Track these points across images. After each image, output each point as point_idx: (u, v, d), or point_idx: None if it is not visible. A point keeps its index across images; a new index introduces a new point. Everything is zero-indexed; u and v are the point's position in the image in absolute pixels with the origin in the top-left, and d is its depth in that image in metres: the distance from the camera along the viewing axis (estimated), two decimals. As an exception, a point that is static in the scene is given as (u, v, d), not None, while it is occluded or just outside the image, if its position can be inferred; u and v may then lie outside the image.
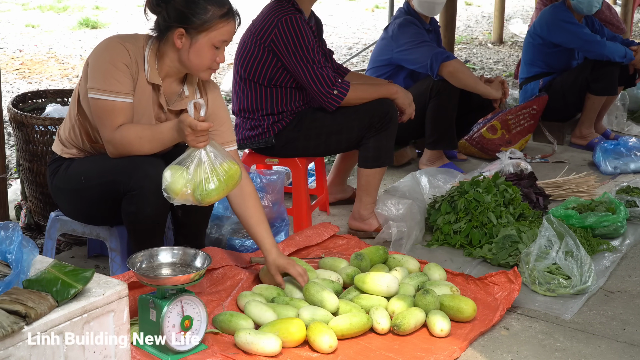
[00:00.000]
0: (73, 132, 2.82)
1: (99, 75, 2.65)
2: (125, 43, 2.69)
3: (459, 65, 4.34)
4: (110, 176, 2.66)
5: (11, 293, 1.91)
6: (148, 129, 2.67)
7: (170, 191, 2.49)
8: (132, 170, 2.62)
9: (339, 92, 3.41)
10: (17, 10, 11.42)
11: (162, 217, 2.75)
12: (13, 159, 4.61)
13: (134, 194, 2.63)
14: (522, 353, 2.59)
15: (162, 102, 2.77)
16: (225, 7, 2.68)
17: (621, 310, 2.92)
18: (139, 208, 2.64)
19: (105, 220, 2.89)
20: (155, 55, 2.73)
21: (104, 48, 2.70)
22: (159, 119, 2.79)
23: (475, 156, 5.00)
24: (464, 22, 12.10)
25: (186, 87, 2.83)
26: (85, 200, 2.79)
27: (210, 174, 2.50)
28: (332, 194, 4.06)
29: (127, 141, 2.63)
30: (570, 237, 3.06)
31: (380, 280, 2.83)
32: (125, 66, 2.66)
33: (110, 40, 2.74)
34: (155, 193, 2.58)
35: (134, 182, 2.62)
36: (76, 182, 2.77)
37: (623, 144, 4.79)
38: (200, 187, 2.48)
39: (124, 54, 2.67)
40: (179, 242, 2.95)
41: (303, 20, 3.40)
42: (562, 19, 5.10)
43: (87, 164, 2.79)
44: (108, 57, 2.66)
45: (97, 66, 2.67)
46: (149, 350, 2.43)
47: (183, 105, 2.79)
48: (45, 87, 6.89)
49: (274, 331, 2.52)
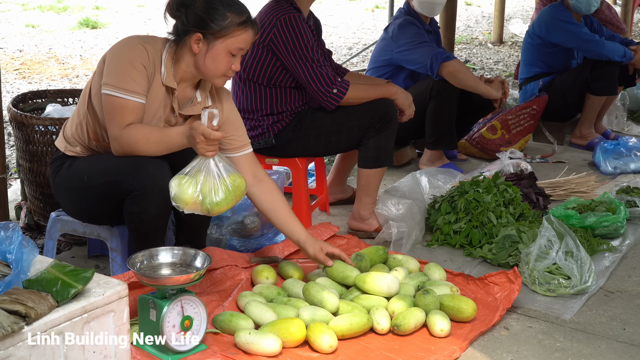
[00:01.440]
0: (80, 128, 2.82)
1: (116, 72, 2.66)
2: (145, 44, 2.71)
3: (459, 66, 4.34)
4: (114, 176, 2.67)
5: (11, 293, 1.91)
6: (157, 131, 2.68)
7: (179, 201, 2.50)
8: (136, 171, 2.62)
9: (338, 91, 3.41)
10: (17, 10, 11.42)
11: (165, 218, 2.76)
12: (13, 159, 4.61)
13: (137, 194, 2.63)
14: (522, 353, 2.60)
15: (174, 106, 2.77)
16: (244, 16, 2.70)
17: (621, 310, 2.92)
18: (142, 208, 2.65)
19: (107, 219, 2.89)
20: (172, 59, 2.74)
21: (124, 46, 2.71)
22: (168, 122, 2.80)
23: (475, 156, 5.00)
24: (464, 22, 12.10)
25: (199, 93, 2.84)
26: (87, 199, 2.79)
27: (220, 184, 2.52)
28: (332, 194, 4.06)
29: (134, 140, 2.63)
30: (570, 237, 3.06)
31: (381, 280, 2.83)
32: (143, 66, 2.67)
33: (130, 39, 2.74)
34: (159, 193, 2.60)
35: (137, 182, 2.62)
36: (79, 180, 2.77)
37: (623, 144, 4.79)
38: (209, 197, 2.50)
39: (143, 54, 2.68)
40: (180, 241, 2.95)
41: (302, 19, 3.40)
42: (561, 19, 5.10)
43: (90, 163, 2.79)
44: (127, 55, 2.67)
45: (115, 63, 2.67)
46: (149, 350, 2.43)
47: (194, 111, 2.80)
48: (45, 87, 6.89)
49: (274, 331, 2.52)
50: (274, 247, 3.25)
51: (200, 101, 2.83)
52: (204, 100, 2.84)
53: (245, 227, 3.35)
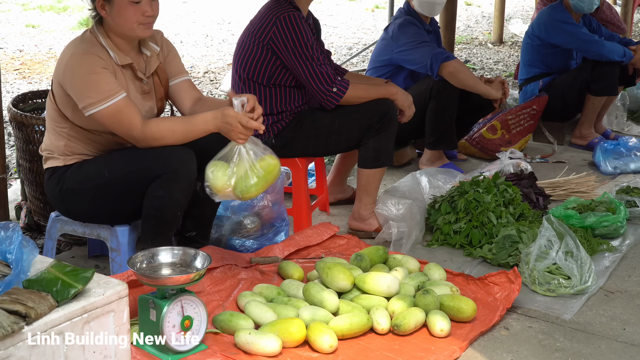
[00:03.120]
0: (72, 142, 2.84)
1: (86, 89, 2.68)
2: (89, 50, 2.73)
3: (459, 66, 4.34)
4: (142, 163, 2.72)
5: (11, 293, 1.92)
6: (180, 122, 2.75)
7: (213, 188, 2.59)
8: (166, 156, 2.69)
9: (338, 89, 3.41)
10: (17, 10, 11.41)
11: (184, 207, 2.81)
12: (13, 159, 4.61)
13: (167, 177, 2.68)
14: (522, 353, 2.60)
15: (140, 76, 2.85)
16: None
17: (621, 310, 2.92)
18: (168, 192, 2.69)
19: (122, 217, 2.91)
20: (109, 40, 2.80)
21: (75, 65, 2.71)
22: (143, 91, 2.88)
23: (475, 156, 5.00)
24: (464, 22, 12.09)
25: (144, 49, 2.91)
26: (106, 195, 2.80)
27: (250, 171, 2.59)
28: (332, 194, 4.06)
29: (159, 136, 2.71)
30: (570, 237, 3.06)
31: (381, 280, 2.83)
32: (104, 69, 2.71)
33: (73, 56, 2.73)
34: (186, 178, 2.69)
35: (168, 166, 2.68)
36: (96, 177, 2.78)
37: (623, 144, 4.79)
38: (241, 184, 2.58)
39: (95, 59, 2.71)
40: (187, 227, 2.99)
41: (301, 18, 3.40)
42: (560, 20, 5.10)
43: (109, 158, 2.82)
44: (85, 70, 2.69)
45: (80, 83, 2.69)
46: (149, 350, 2.43)
47: (154, 67, 2.89)
48: (45, 87, 6.89)
49: (274, 331, 2.52)
50: (274, 247, 3.25)
51: (150, 55, 2.91)
52: (152, 51, 2.92)
53: (245, 227, 3.35)
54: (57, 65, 2.78)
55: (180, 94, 2.99)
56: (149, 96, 2.92)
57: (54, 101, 2.82)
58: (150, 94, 2.93)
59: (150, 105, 2.92)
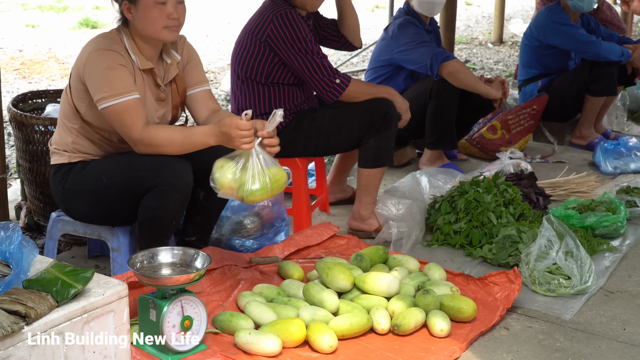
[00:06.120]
0: (80, 139, 2.84)
1: (102, 83, 2.69)
2: (111, 47, 2.74)
3: (458, 66, 4.34)
4: (137, 172, 2.71)
5: (11, 293, 1.92)
6: (179, 132, 2.72)
7: (217, 182, 2.57)
8: (161, 167, 2.67)
9: (341, 81, 3.41)
10: (17, 10, 11.41)
11: (179, 217, 2.80)
12: (13, 159, 4.61)
13: (160, 189, 2.67)
14: (522, 353, 2.60)
15: (159, 82, 2.85)
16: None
17: (621, 311, 2.92)
18: (161, 204, 2.68)
19: (118, 220, 2.90)
20: (134, 43, 2.79)
21: (96, 59, 2.72)
22: (159, 98, 2.87)
23: (476, 156, 5.00)
24: (464, 22, 12.09)
25: (165, 56, 2.90)
26: (104, 200, 2.80)
27: (258, 175, 2.57)
28: (332, 194, 4.06)
29: (156, 142, 2.69)
30: (570, 237, 3.06)
31: (381, 280, 2.83)
32: (122, 66, 2.72)
33: (95, 52, 2.74)
34: (180, 191, 2.67)
35: (161, 178, 2.66)
36: (95, 181, 2.79)
37: (623, 144, 4.79)
38: (245, 186, 2.56)
39: (115, 56, 2.73)
40: (187, 232, 2.99)
41: (297, 15, 3.41)
42: (557, 21, 5.09)
43: (108, 163, 2.82)
44: (104, 65, 2.70)
45: (97, 77, 2.70)
46: (149, 350, 2.43)
47: (172, 75, 2.88)
48: (45, 87, 6.89)
49: (274, 331, 2.52)
50: (274, 247, 3.25)
51: (170, 62, 2.90)
52: (173, 59, 2.90)
53: (245, 227, 3.35)
54: (78, 59, 2.79)
55: (197, 104, 2.97)
56: (165, 103, 2.92)
57: (70, 95, 2.83)
58: (166, 101, 2.92)
59: (164, 112, 2.92)
